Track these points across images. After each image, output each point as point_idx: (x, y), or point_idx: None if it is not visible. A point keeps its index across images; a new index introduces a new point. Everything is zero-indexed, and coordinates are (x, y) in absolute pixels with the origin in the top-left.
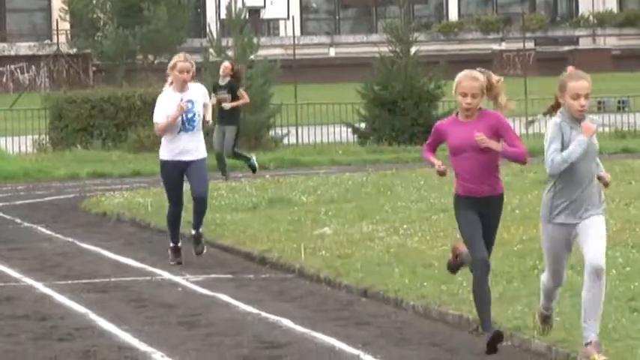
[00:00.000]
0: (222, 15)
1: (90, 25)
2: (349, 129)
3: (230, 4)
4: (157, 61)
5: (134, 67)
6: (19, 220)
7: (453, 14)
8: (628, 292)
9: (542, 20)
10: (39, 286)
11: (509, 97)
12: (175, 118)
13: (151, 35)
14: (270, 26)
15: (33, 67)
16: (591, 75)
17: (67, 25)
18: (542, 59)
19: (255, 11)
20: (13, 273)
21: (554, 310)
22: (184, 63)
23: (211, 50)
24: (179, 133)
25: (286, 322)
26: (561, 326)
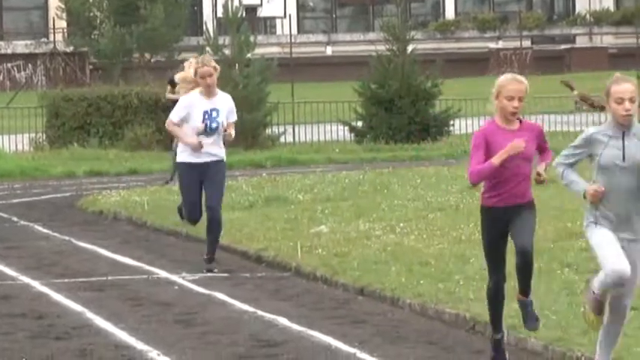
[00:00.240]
0: (219, 13)
1: (87, 24)
2: (346, 127)
3: (227, 2)
4: (153, 60)
5: (131, 65)
6: (15, 219)
7: (449, 12)
8: None
9: (539, 19)
10: (36, 285)
11: None
12: (192, 144)
13: (148, 33)
14: (267, 24)
15: (30, 65)
16: (587, 73)
17: (63, 24)
18: (539, 58)
19: (252, 9)
20: (9, 271)
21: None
22: (203, 68)
23: (208, 49)
24: (199, 135)
25: (282, 321)
26: (557, 325)
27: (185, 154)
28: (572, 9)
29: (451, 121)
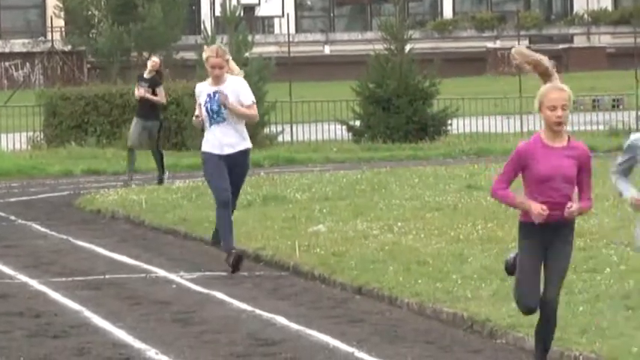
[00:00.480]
0: (217, 12)
1: (84, 22)
2: (344, 127)
3: (225, 1)
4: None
5: (128, 64)
6: (13, 217)
7: (447, 12)
8: (622, 290)
9: (536, 18)
10: (33, 283)
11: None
12: (199, 117)
13: (146, 32)
14: (265, 24)
15: (27, 64)
16: (586, 73)
17: (61, 22)
18: None
19: (250, 8)
20: (7, 270)
21: None
22: (216, 59)
23: (206, 47)
24: (211, 125)
25: (280, 320)
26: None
27: (208, 144)
28: (570, 9)
29: (449, 121)
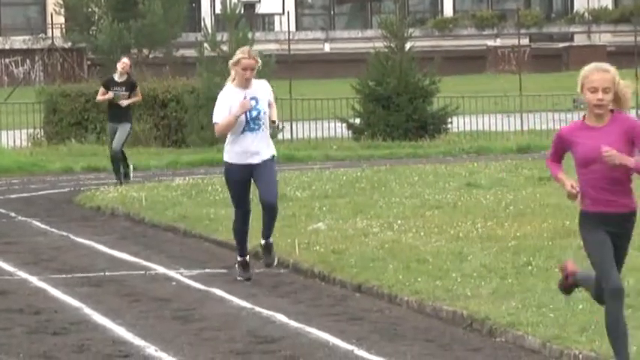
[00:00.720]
0: (217, 9)
1: (85, 19)
2: (344, 124)
3: None
4: (151, 56)
5: None
6: (13, 214)
7: (447, 10)
8: None
9: (537, 16)
10: (33, 280)
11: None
12: (237, 116)
13: (146, 29)
14: (265, 21)
15: (27, 60)
16: None
17: (61, 19)
18: (537, 56)
19: (250, 6)
20: (7, 267)
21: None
22: (249, 60)
23: (206, 45)
24: (243, 132)
25: (280, 317)
26: (555, 322)
27: (232, 153)
28: (570, 7)
29: (449, 119)
